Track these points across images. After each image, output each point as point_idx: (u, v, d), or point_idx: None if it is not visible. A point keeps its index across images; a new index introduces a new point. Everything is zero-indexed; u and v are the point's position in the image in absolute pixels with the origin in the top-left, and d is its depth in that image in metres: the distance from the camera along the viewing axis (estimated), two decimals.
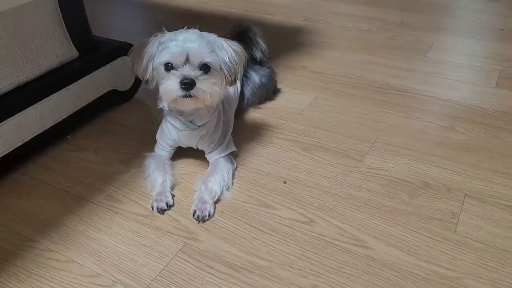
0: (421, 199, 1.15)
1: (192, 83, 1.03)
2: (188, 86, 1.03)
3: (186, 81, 1.03)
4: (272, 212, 1.13)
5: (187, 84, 1.03)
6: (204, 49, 1.05)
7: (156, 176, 1.19)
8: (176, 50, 1.04)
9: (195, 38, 1.06)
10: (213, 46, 1.07)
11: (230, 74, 1.10)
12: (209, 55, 1.06)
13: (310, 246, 1.03)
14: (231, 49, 1.10)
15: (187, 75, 1.03)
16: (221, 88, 1.10)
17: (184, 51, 1.04)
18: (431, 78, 1.72)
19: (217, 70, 1.07)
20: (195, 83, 1.04)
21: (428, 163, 1.27)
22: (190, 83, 1.03)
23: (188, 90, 1.04)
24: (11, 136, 1.21)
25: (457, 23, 2.25)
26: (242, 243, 1.04)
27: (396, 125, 1.44)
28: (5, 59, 1.19)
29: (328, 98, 1.60)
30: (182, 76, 1.04)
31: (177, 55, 1.04)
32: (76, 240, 1.06)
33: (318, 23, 2.27)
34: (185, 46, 1.04)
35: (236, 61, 1.10)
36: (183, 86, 1.03)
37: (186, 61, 1.04)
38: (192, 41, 1.05)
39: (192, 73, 1.04)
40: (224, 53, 1.08)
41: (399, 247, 1.02)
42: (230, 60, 1.09)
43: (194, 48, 1.04)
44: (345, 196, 1.17)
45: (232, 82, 1.13)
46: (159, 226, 1.09)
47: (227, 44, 1.10)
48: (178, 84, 1.04)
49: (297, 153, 1.33)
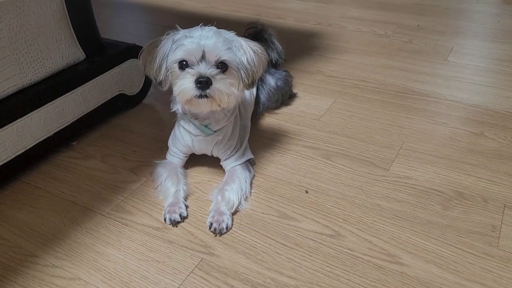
0: (456, 210, 1.06)
1: (208, 81, 0.95)
2: (203, 85, 0.95)
3: (202, 80, 0.95)
4: (295, 224, 1.04)
5: (202, 83, 0.95)
6: (221, 46, 0.97)
7: (168, 185, 1.11)
8: (191, 47, 0.96)
9: (212, 34, 0.98)
10: (231, 44, 1.00)
11: (247, 76, 1.02)
12: (227, 52, 0.98)
13: (338, 262, 0.94)
14: (250, 50, 1.02)
15: (203, 73, 0.95)
16: (238, 89, 1.02)
17: (200, 48, 0.96)
18: (454, 83, 1.63)
19: (234, 69, 1.00)
20: (212, 82, 0.96)
21: (460, 172, 1.18)
22: (206, 81, 0.95)
23: (204, 89, 0.96)
24: (13, 142, 1.13)
25: (476, 27, 2.17)
26: (263, 259, 0.95)
27: (421, 131, 1.35)
28: (8, 59, 1.11)
29: (347, 103, 1.52)
30: (197, 74, 0.96)
31: (192, 52, 0.96)
32: (82, 255, 0.97)
33: (331, 27, 2.20)
34: (200, 42, 0.96)
35: (255, 63, 1.02)
36: (199, 85, 0.95)
37: (201, 59, 0.97)
38: (208, 37, 0.97)
39: (208, 71, 0.96)
40: (242, 53, 1.01)
41: (436, 263, 0.93)
42: (249, 61, 1.01)
43: (211, 44, 0.97)
44: (373, 207, 1.08)
45: (249, 85, 1.05)
46: (173, 239, 1.00)
47: (247, 44, 1.02)
48: (193, 83, 0.96)
49: (318, 161, 1.24)
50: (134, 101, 1.51)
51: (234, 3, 2.60)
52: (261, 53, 1.04)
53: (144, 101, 1.55)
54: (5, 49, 1.10)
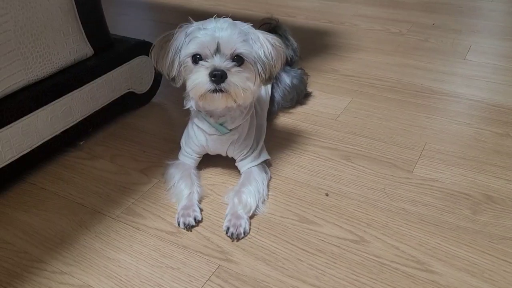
0: (486, 215, 1.00)
1: (224, 75, 0.90)
2: (218, 79, 0.90)
3: (217, 73, 0.89)
4: (316, 229, 0.98)
5: (217, 76, 0.89)
6: (237, 37, 0.92)
7: (181, 187, 1.05)
8: (205, 39, 0.91)
9: (227, 26, 0.93)
10: (247, 36, 0.94)
11: (264, 71, 0.96)
12: (243, 45, 0.92)
13: (364, 269, 0.88)
14: (268, 43, 0.96)
15: (218, 66, 0.90)
16: (255, 84, 0.96)
17: (215, 40, 0.90)
18: (474, 82, 1.57)
19: (251, 63, 0.94)
20: (227, 75, 0.90)
21: (487, 174, 1.12)
22: (221, 75, 0.89)
23: (219, 83, 0.90)
24: (18, 141, 1.07)
25: (492, 25, 2.11)
26: (284, 265, 0.89)
27: (444, 132, 1.29)
28: (14, 54, 1.05)
29: (365, 103, 1.46)
30: (212, 67, 0.90)
31: (206, 44, 0.91)
32: (92, 261, 0.91)
33: (343, 25, 2.14)
34: (215, 34, 0.91)
35: (273, 56, 0.97)
36: (213, 78, 0.90)
37: (216, 51, 0.91)
38: (223, 29, 0.92)
39: (223, 64, 0.90)
40: (259, 46, 0.95)
41: (469, 271, 0.87)
42: (266, 55, 0.95)
43: (226, 36, 0.91)
44: (398, 211, 1.02)
45: (266, 81, 0.99)
46: (187, 244, 0.95)
47: (264, 37, 0.97)
48: (208, 77, 0.90)
49: (337, 162, 1.18)
50: (143, 100, 1.46)
51: (242, 0, 2.54)
52: (279, 46, 0.99)
53: (153, 99, 1.49)
54: (11, 43, 1.04)
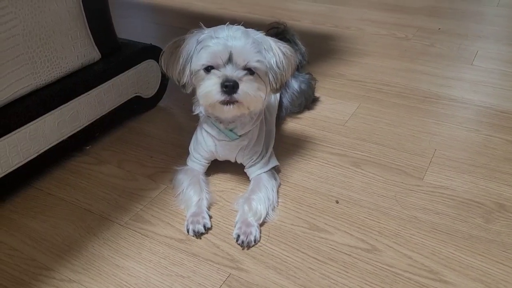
0: (499, 224, 0.99)
1: (235, 86, 0.88)
2: (230, 90, 0.88)
3: (228, 84, 0.88)
4: (327, 237, 0.97)
5: (229, 87, 0.88)
6: (250, 48, 0.90)
7: (190, 193, 1.04)
8: (217, 49, 0.89)
9: (240, 35, 0.91)
10: (260, 46, 0.93)
11: (276, 80, 0.95)
12: (256, 56, 0.90)
13: (377, 279, 0.87)
14: (280, 52, 0.95)
15: (230, 77, 0.88)
16: (266, 94, 0.95)
17: (227, 49, 0.89)
18: (482, 88, 1.57)
19: (262, 74, 0.93)
20: (239, 85, 0.88)
21: (499, 182, 1.11)
22: (232, 86, 0.88)
23: (230, 94, 0.88)
24: (25, 146, 1.06)
25: (498, 30, 2.10)
26: (296, 274, 0.88)
27: (453, 138, 1.28)
28: (22, 58, 1.04)
29: (372, 108, 1.45)
30: (223, 77, 0.88)
31: (218, 54, 0.89)
32: (100, 269, 0.90)
33: (349, 30, 2.13)
34: (228, 44, 0.89)
35: (284, 66, 0.95)
36: (225, 89, 0.88)
37: (228, 61, 0.89)
38: (236, 38, 0.90)
39: (235, 74, 0.89)
40: (271, 55, 0.94)
41: (484, 282, 0.86)
42: (278, 64, 0.94)
43: (239, 46, 0.89)
44: (409, 219, 1.01)
45: (277, 90, 0.98)
46: (197, 252, 0.93)
47: (276, 46, 0.95)
48: (219, 86, 0.88)
49: (347, 169, 1.17)
50: (150, 104, 1.45)
51: (247, 4, 2.54)
52: (291, 55, 0.98)
53: (160, 104, 1.48)
54: (19, 47, 1.03)
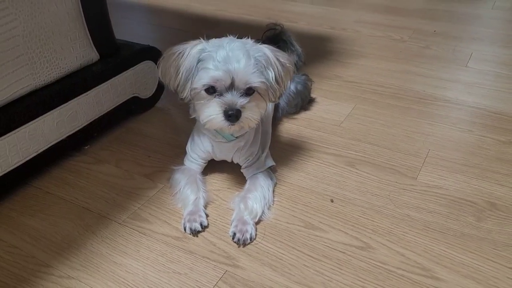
0: (491, 222, 1.01)
1: (238, 114, 0.91)
2: (233, 118, 0.91)
3: (232, 113, 0.90)
4: (322, 235, 0.99)
5: (232, 116, 0.91)
6: (251, 70, 0.91)
7: (187, 192, 1.06)
8: (219, 74, 0.90)
9: (241, 56, 0.90)
10: (259, 64, 0.93)
11: (274, 95, 0.97)
12: (257, 77, 0.92)
13: (370, 276, 0.89)
14: (278, 64, 0.96)
15: (233, 105, 0.90)
16: (265, 106, 0.99)
17: (229, 75, 0.90)
18: (476, 89, 1.59)
19: (263, 91, 0.95)
20: (241, 113, 0.91)
21: (491, 181, 1.13)
22: (236, 115, 0.91)
23: (233, 121, 0.92)
24: (25, 146, 1.08)
25: (493, 33, 2.12)
26: (291, 271, 0.90)
27: (447, 139, 1.30)
28: (22, 59, 1.06)
29: (368, 109, 1.47)
30: (226, 106, 0.91)
31: (220, 79, 0.90)
32: (99, 266, 0.91)
33: (345, 31, 2.15)
34: (229, 68, 0.90)
35: (283, 77, 0.97)
36: (229, 118, 0.91)
37: (230, 86, 0.91)
38: (237, 61, 0.90)
39: (238, 102, 0.91)
40: (271, 70, 0.95)
41: (475, 278, 0.88)
42: (277, 78, 0.96)
43: (240, 70, 0.90)
44: (402, 218, 1.03)
45: (275, 100, 1.00)
46: (194, 250, 0.95)
47: (274, 57, 0.96)
48: (222, 115, 0.91)
49: (342, 169, 1.19)
50: (148, 104, 1.46)
51: (244, 6, 2.55)
52: (289, 65, 0.99)
53: (157, 104, 1.50)
54: (19, 48, 1.05)
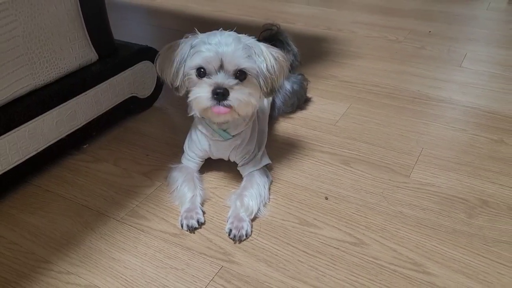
0: (482, 218, 1.03)
1: (226, 93, 0.92)
2: (220, 97, 0.92)
3: (219, 91, 0.91)
4: (316, 231, 1.01)
5: (219, 94, 0.92)
6: (240, 53, 0.93)
7: (184, 190, 1.08)
8: (209, 55, 0.92)
9: (231, 41, 0.94)
10: (251, 51, 0.96)
11: (266, 84, 0.98)
12: (246, 61, 0.94)
13: (363, 271, 0.91)
14: (271, 56, 0.98)
15: (220, 84, 0.92)
16: (257, 97, 0.99)
17: (218, 56, 0.92)
18: (470, 89, 1.61)
19: (254, 77, 0.96)
20: (229, 92, 0.92)
21: (482, 179, 1.15)
22: (223, 93, 0.92)
23: (221, 100, 0.92)
24: (25, 145, 1.10)
25: (488, 33, 2.15)
26: (286, 267, 0.92)
27: (440, 138, 1.33)
28: (21, 59, 1.08)
29: (363, 109, 1.49)
30: (214, 85, 0.92)
31: (210, 60, 0.93)
32: (97, 262, 0.93)
33: (341, 32, 2.18)
34: (219, 50, 0.92)
35: (276, 70, 0.98)
36: (215, 96, 0.92)
37: (220, 67, 0.93)
38: (227, 44, 0.93)
39: (226, 82, 0.92)
40: (262, 59, 0.96)
41: (465, 273, 0.90)
42: (269, 69, 0.97)
43: (229, 52, 0.92)
44: (395, 214, 1.05)
45: (268, 94, 1.01)
46: (191, 246, 0.97)
47: (268, 51, 0.98)
48: (210, 93, 0.92)
49: (336, 167, 1.21)
50: (146, 104, 1.48)
51: (242, 6, 2.58)
52: (282, 60, 1.01)
53: (155, 104, 1.52)
54: (19, 49, 1.07)
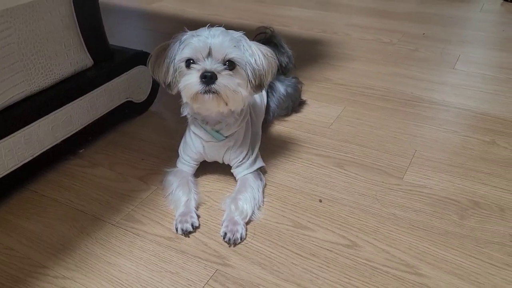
0: (473, 220, 1.04)
1: (213, 76, 0.93)
2: (208, 80, 0.93)
3: (207, 74, 0.93)
4: (310, 234, 1.02)
5: (207, 77, 0.93)
6: (229, 44, 0.96)
7: (179, 194, 1.08)
8: (198, 45, 0.95)
9: (219, 33, 0.97)
10: (239, 43, 0.98)
11: (254, 77, 0.99)
12: (234, 50, 0.96)
13: (356, 273, 0.92)
14: (259, 52, 1.00)
15: (208, 68, 0.94)
16: (246, 90, 1.00)
17: (207, 45, 0.95)
18: (463, 91, 1.62)
19: (242, 68, 0.97)
20: (217, 77, 0.94)
21: (474, 181, 1.17)
22: (211, 76, 0.93)
23: (209, 84, 0.94)
24: (20, 150, 1.10)
25: (482, 35, 2.17)
26: (280, 269, 0.93)
27: (433, 140, 1.34)
28: (17, 66, 1.09)
29: (357, 111, 1.50)
30: (202, 70, 0.94)
31: (198, 49, 0.95)
32: (93, 266, 0.94)
33: (336, 35, 2.19)
34: (207, 40, 0.96)
35: (264, 65, 1.00)
36: (203, 79, 0.93)
37: (208, 55, 0.95)
38: (216, 36, 0.96)
39: (214, 66, 0.94)
40: (251, 53, 0.99)
41: (457, 274, 0.91)
42: (257, 62, 0.99)
43: (218, 42, 0.95)
44: (388, 216, 1.06)
45: (257, 87, 1.02)
46: (185, 250, 0.98)
47: (256, 47, 1.00)
48: (198, 78, 0.94)
49: (330, 169, 1.22)
50: (141, 108, 1.49)
51: (238, 10, 2.59)
52: (271, 57, 1.02)
53: (151, 108, 1.53)
54: (14, 55, 1.07)
